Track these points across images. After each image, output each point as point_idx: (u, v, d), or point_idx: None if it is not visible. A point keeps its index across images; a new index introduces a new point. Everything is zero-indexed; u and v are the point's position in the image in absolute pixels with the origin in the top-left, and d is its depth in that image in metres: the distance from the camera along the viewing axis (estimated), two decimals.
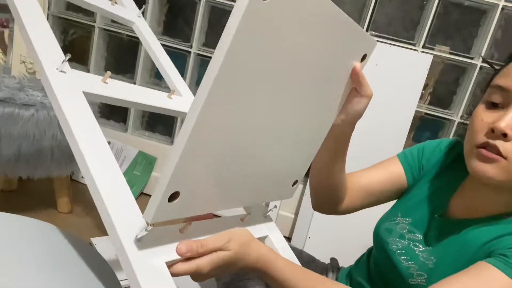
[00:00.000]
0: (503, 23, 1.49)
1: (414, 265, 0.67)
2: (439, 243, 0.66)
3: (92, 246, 1.30)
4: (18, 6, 0.56)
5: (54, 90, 0.51)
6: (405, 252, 0.70)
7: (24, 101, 1.30)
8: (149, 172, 1.81)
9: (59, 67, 0.55)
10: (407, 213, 0.74)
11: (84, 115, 0.52)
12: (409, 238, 0.70)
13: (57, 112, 0.51)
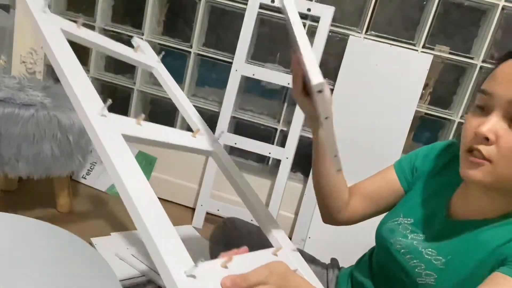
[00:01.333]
0: (503, 23, 1.49)
1: (420, 264, 0.68)
2: (446, 243, 0.67)
3: (92, 246, 1.30)
4: (59, 60, 0.67)
5: (98, 133, 0.58)
6: (409, 251, 0.71)
7: (24, 101, 1.30)
8: (149, 172, 1.81)
9: (100, 112, 0.63)
10: (409, 214, 0.75)
11: (126, 156, 0.59)
12: (412, 238, 0.72)
13: (101, 154, 0.57)
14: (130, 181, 0.54)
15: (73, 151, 1.37)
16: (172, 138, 0.74)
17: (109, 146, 0.57)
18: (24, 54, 1.65)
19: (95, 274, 0.83)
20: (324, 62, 1.59)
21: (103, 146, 0.56)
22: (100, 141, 0.57)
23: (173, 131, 0.77)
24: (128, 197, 0.52)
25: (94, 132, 0.58)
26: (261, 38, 1.69)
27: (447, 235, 0.67)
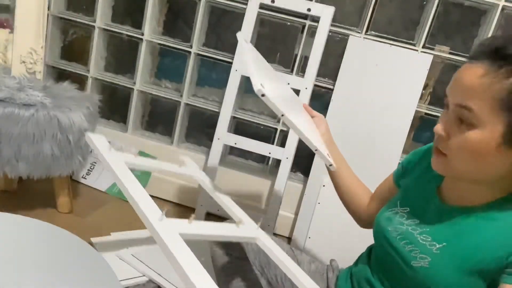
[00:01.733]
0: (503, 23, 1.49)
1: (415, 248, 0.73)
2: (440, 229, 0.72)
3: (92, 246, 1.30)
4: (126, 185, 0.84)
5: (161, 236, 0.70)
6: (405, 237, 0.75)
7: (24, 101, 1.30)
8: (149, 172, 1.81)
9: (160, 218, 0.77)
10: (405, 203, 0.81)
11: (186, 252, 0.68)
12: (408, 224, 0.77)
13: (164, 253, 0.69)
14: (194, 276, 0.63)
15: (73, 151, 1.37)
16: (220, 231, 0.86)
17: (172, 246, 0.68)
18: (24, 54, 1.65)
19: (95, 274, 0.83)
20: (324, 62, 1.59)
21: (166, 246, 0.68)
22: (164, 242, 0.69)
23: (219, 225, 0.88)
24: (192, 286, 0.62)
25: (158, 235, 0.71)
26: (261, 38, 1.69)
27: (441, 220, 0.72)
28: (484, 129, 0.62)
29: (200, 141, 1.84)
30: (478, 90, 0.62)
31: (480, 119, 0.62)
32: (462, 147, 0.65)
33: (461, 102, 0.64)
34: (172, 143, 1.82)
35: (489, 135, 0.62)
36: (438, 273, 0.69)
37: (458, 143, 0.65)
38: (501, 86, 0.60)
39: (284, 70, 1.68)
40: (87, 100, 1.47)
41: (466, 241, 0.67)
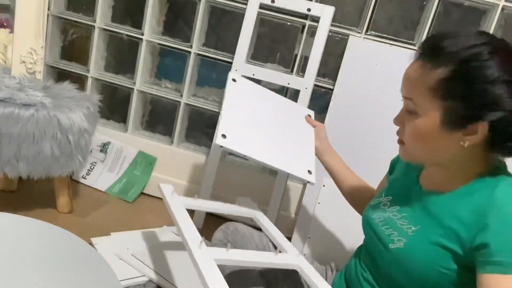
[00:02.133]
0: (503, 23, 1.49)
1: (394, 232, 0.80)
2: (416, 213, 0.79)
3: (92, 246, 1.30)
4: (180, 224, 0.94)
5: (197, 261, 0.79)
6: (386, 222, 0.83)
7: (24, 101, 1.30)
8: (149, 172, 1.81)
9: (198, 245, 0.84)
10: (388, 193, 0.89)
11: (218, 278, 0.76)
12: (390, 211, 0.84)
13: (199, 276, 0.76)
14: None
15: (73, 151, 1.37)
16: (258, 258, 0.91)
17: (205, 271, 0.76)
18: (24, 54, 1.65)
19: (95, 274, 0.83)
20: (324, 62, 1.59)
21: (200, 270, 0.76)
22: (198, 267, 0.77)
23: (256, 253, 0.94)
24: None
25: (195, 260, 0.79)
26: (261, 38, 1.69)
27: (419, 205, 0.79)
28: (426, 116, 0.71)
29: (200, 141, 1.84)
30: (416, 82, 0.72)
31: (421, 108, 0.71)
32: (412, 134, 0.74)
33: (406, 95, 0.75)
34: (172, 143, 1.82)
35: (430, 121, 0.71)
36: (411, 253, 0.74)
37: (409, 131, 0.75)
38: (432, 77, 0.69)
39: (284, 70, 1.68)
40: (87, 100, 1.47)
41: (438, 222, 0.73)
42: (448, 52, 0.69)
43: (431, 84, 0.69)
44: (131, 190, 1.76)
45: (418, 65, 0.73)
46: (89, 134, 1.43)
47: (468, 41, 0.69)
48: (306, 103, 1.55)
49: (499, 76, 0.65)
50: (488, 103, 0.66)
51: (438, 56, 0.69)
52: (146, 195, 1.80)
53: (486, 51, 0.67)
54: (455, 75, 0.68)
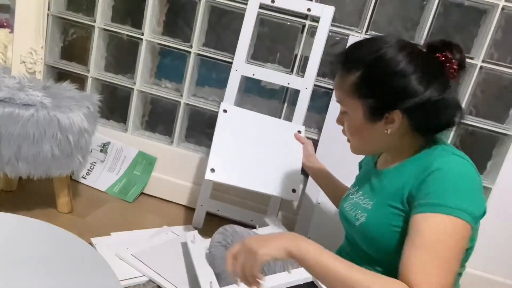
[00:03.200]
0: (503, 23, 1.49)
1: (358, 211, 0.91)
2: (373, 190, 0.91)
3: (92, 246, 1.30)
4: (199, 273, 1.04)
5: None
6: (352, 206, 0.94)
7: (24, 101, 1.30)
8: (149, 172, 1.81)
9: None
10: (355, 184, 1.03)
11: None
12: (356, 197, 0.95)
13: None
14: None
15: (73, 151, 1.37)
16: (273, 282, 0.95)
17: None
18: (24, 54, 1.65)
19: (95, 274, 0.83)
20: (324, 62, 1.59)
21: None
22: None
23: (271, 278, 0.98)
24: None
25: None
26: (261, 38, 1.69)
27: (374, 183, 0.92)
28: (351, 114, 0.86)
29: (200, 141, 1.84)
30: (339, 88, 0.86)
31: (348, 107, 0.86)
32: (348, 130, 0.89)
33: (336, 99, 0.89)
34: (172, 143, 1.82)
35: (357, 117, 0.85)
36: (372, 223, 0.85)
37: (346, 128, 0.89)
38: (347, 82, 0.83)
39: (284, 70, 1.68)
40: (87, 100, 1.47)
41: (388, 189, 0.85)
42: (355, 60, 0.83)
43: (348, 88, 0.84)
44: (131, 190, 1.76)
45: (339, 75, 0.87)
46: (89, 134, 1.43)
47: (371, 47, 0.82)
48: (306, 103, 1.55)
49: (402, 70, 0.78)
50: (396, 94, 0.79)
51: (349, 64, 0.84)
52: (146, 195, 1.80)
53: (388, 52, 0.80)
54: (364, 76, 0.81)
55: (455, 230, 0.71)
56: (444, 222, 0.72)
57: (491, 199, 1.56)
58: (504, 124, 1.55)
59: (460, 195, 0.73)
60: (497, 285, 1.62)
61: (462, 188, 0.74)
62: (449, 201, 0.72)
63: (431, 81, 0.78)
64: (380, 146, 0.89)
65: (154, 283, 1.19)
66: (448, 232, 0.71)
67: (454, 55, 0.81)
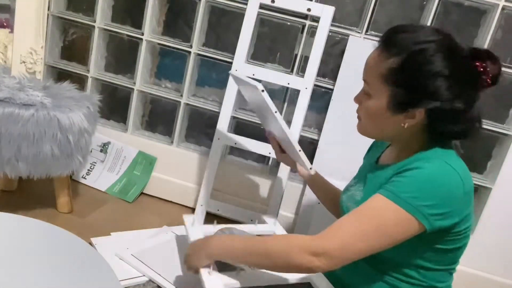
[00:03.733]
0: (503, 23, 1.49)
1: (351, 203, 0.93)
2: (368, 182, 0.93)
3: (92, 246, 1.30)
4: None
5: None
6: (349, 198, 0.96)
7: (24, 101, 1.30)
8: (149, 172, 1.81)
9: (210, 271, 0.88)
10: (355, 177, 1.04)
11: None
12: (354, 189, 0.97)
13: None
14: None
15: (73, 151, 1.37)
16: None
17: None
18: (24, 54, 1.65)
19: (95, 274, 0.83)
20: (324, 62, 1.59)
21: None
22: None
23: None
24: None
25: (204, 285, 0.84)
26: (261, 38, 1.69)
27: (371, 177, 0.93)
28: (376, 98, 0.84)
29: (200, 141, 1.84)
30: (373, 68, 0.83)
31: (373, 90, 0.84)
32: (365, 112, 0.88)
33: (364, 77, 0.87)
34: (172, 143, 1.82)
35: (379, 103, 0.83)
36: None
37: (364, 109, 0.88)
38: (385, 65, 0.80)
39: (284, 70, 1.68)
40: (87, 100, 1.47)
41: (378, 185, 0.84)
42: (400, 45, 0.80)
43: (383, 71, 0.81)
44: (131, 190, 1.76)
45: (376, 53, 0.84)
46: (89, 134, 1.43)
47: (419, 37, 0.79)
48: (306, 103, 1.55)
49: (439, 71, 0.76)
50: (427, 93, 0.78)
51: (392, 47, 0.81)
52: (146, 195, 1.80)
53: (432, 48, 0.77)
54: (403, 66, 0.79)
55: (393, 216, 0.75)
56: (387, 206, 0.75)
57: (491, 199, 1.56)
58: (504, 124, 1.55)
59: (419, 194, 0.75)
60: (496, 285, 1.62)
61: (425, 189, 0.75)
62: (404, 194, 0.75)
63: (463, 90, 0.78)
64: (390, 135, 0.88)
65: (154, 283, 1.19)
66: (385, 214, 0.75)
67: (492, 69, 0.80)
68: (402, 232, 0.75)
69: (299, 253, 0.76)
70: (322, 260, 0.74)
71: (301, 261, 0.75)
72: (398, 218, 0.75)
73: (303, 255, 0.75)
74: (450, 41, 0.81)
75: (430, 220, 0.75)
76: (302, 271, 0.80)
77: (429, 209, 0.74)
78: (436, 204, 0.75)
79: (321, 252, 0.74)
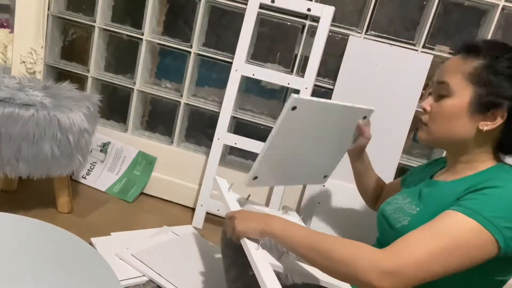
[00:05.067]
0: (503, 23, 1.49)
1: (400, 214, 0.90)
2: (422, 197, 0.89)
3: (92, 246, 1.30)
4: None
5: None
6: (396, 209, 0.92)
7: (24, 101, 1.30)
8: (149, 172, 1.81)
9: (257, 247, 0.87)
10: (403, 193, 0.99)
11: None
12: (402, 202, 0.93)
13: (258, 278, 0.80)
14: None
15: (73, 151, 1.37)
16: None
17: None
18: (24, 54, 1.65)
19: (95, 274, 0.83)
20: (324, 62, 1.59)
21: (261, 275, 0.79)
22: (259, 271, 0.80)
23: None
24: None
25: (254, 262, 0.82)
26: (261, 38, 1.69)
27: (425, 192, 0.90)
28: (455, 97, 0.83)
29: (200, 141, 1.84)
30: (455, 70, 0.84)
31: (453, 90, 0.83)
32: (438, 113, 0.86)
33: (440, 79, 0.87)
34: (172, 143, 1.82)
35: (459, 102, 0.82)
36: (415, 227, 0.77)
37: (436, 111, 0.87)
38: (470, 65, 0.82)
39: (284, 70, 1.68)
40: (87, 100, 1.47)
41: (439, 202, 0.81)
42: (486, 48, 0.82)
43: (468, 70, 0.82)
44: (131, 190, 1.76)
45: (458, 57, 0.86)
46: (89, 134, 1.43)
47: (504, 44, 0.84)
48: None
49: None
50: (509, 95, 0.79)
51: (478, 50, 0.83)
52: (146, 195, 1.80)
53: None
54: (489, 66, 0.80)
55: (475, 236, 0.69)
56: (467, 224, 0.69)
57: None
58: None
59: (505, 214, 0.70)
60: None
61: (510, 211, 0.70)
62: (488, 213, 0.69)
63: None
64: (459, 140, 0.85)
65: (154, 283, 1.19)
66: (465, 233, 0.69)
67: None
68: (481, 253, 0.70)
69: (368, 268, 0.68)
70: (391, 279, 0.67)
71: (369, 277, 0.68)
72: (480, 238, 0.69)
73: (373, 271, 0.68)
74: None
75: (508, 242, 0.70)
76: (364, 286, 0.70)
77: (510, 232, 0.70)
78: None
79: (393, 271, 0.67)
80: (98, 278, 0.82)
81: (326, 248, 0.74)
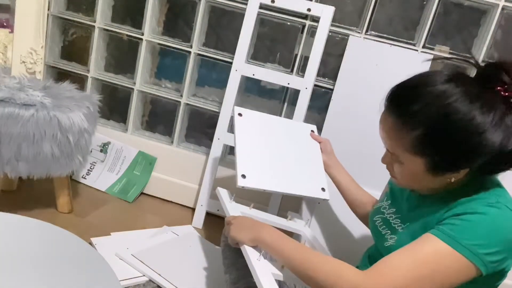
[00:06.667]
0: (503, 23, 1.49)
1: (388, 231, 0.91)
2: (408, 213, 0.89)
3: (92, 246, 1.30)
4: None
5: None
6: (383, 222, 0.94)
7: (24, 101, 1.30)
8: (149, 172, 1.81)
9: (259, 258, 0.89)
10: (389, 198, 1.00)
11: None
12: (387, 213, 0.95)
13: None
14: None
15: (73, 151, 1.37)
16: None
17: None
18: (24, 54, 1.65)
19: (95, 274, 0.83)
20: (324, 62, 1.59)
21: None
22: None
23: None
24: None
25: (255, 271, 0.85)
26: (261, 38, 1.69)
27: (410, 206, 0.90)
28: (411, 165, 0.79)
29: (200, 141, 1.84)
30: (395, 142, 0.80)
31: (405, 160, 0.80)
32: (402, 174, 0.83)
33: (388, 149, 0.85)
34: (172, 143, 1.82)
35: (416, 168, 0.78)
36: (399, 247, 0.78)
37: (398, 172, 0.84)
38: (407, 139, 0.76)
39: (284, 70, 1.68)
40: (87, 100, 1.47)
41: (421, 217, 0.82)
42: (414, 114, 0.74)
43: (409, 145, 0.77)
44: (131, 190, 1.76)
45: (391, 123, 0.80)
46: (89, 134, 1.43)
47: (434, 99, 0.72)
48: (306, 103, 1.55)
49: (475, 127, 0.69)
50: (467, 153, 0.72)
51: (409, 117, 0.75)
52: (146, 195, 1.80)
53: (457, 106, 0.70)
54: (427, 135, 0.74)
55: (453, 264, 0.70)
56: (446, 252, 0.70)
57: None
58: None
59: (483, 241, 0.70)
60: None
61: (489, 237, 0.70)
62: (467, 241, 0.70)
63: (505, 130, 0.70)
64: (434, 188, 0.82)
65: (154, 283, 1.19)
66: (444, 261, 0.70)
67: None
68: (462, 277, 0.71)
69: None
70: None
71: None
72: (459, 264, 0.70)
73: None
74: (463, 85, 0.72)
75: (488, 266, 0.71)
76: None
77: (489, 257, 0.70)
78: (497, 251, 0.71)
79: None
80: (98, 278, 0.82)
81: (311, 267, 0.78)
